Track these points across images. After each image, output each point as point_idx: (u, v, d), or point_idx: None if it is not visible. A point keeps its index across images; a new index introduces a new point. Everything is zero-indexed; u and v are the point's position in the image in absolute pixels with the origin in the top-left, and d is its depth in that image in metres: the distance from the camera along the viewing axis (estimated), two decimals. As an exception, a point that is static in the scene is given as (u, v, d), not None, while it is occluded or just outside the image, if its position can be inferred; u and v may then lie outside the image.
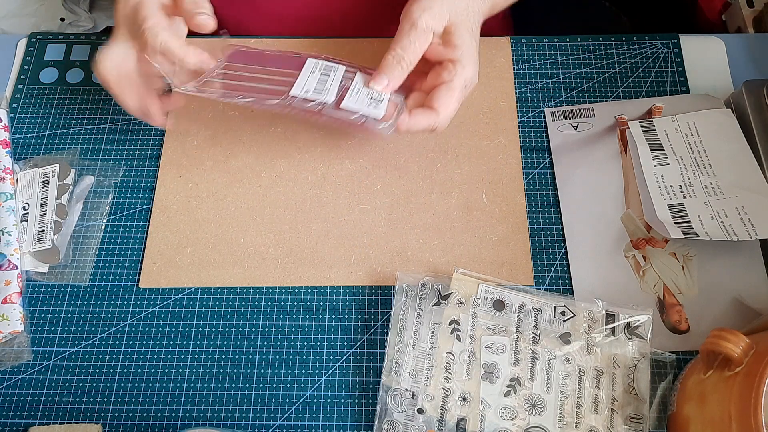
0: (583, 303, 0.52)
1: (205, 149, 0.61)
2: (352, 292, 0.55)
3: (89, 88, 0.65)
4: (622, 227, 0.56)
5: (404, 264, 0.56)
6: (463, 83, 0.53)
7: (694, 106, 0.61)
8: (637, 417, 0.49)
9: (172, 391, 0.52)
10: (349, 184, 0.59)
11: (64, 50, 0.67)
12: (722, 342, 0.43)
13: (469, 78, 0.53)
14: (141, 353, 0.53)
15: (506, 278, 0.55)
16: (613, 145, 0.60)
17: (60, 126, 0.63)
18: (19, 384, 0.52)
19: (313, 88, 0.52)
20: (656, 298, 0.53)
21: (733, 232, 0.53)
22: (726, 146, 0.58)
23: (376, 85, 0.52)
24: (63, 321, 0.54)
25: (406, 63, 0.52)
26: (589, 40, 0.66)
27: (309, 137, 0.61)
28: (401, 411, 0.49)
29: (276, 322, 0.54)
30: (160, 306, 0.55)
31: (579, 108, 0.62)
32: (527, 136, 0.61)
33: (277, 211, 0.58)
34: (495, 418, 0.49)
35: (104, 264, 0.56)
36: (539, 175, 0.59)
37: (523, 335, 0.51)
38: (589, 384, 0.50)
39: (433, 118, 0.52)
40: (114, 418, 0.51)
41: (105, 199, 0.59)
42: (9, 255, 0.55)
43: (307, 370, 0.52)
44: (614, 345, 0.51)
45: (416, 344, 0.51)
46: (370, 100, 0.51)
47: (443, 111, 0.52)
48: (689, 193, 0.56)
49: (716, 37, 0.66)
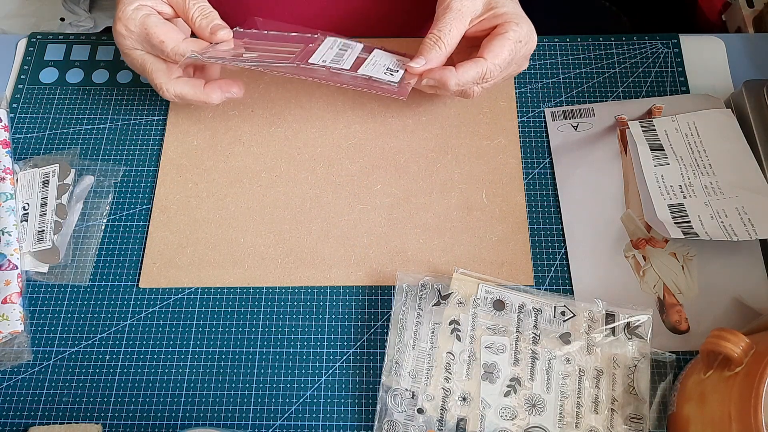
0: (583, 303, 0.52)
1: (205, 149, 0.61)
2: (352, 292, 0.55)
3: (89, 88, 0.65)
4: (622, 227, 0.56)
5: (404, 264, 0.56)
6: (517, 37, 0.52)
7: (694, 106, 0.61)
8: (637, 417, 0.49)
9: (172, 391, 0.52)
10: (349, 184, 0.59)
11: (64, 50, 0.67)
12: (722, 342, 0.43)
13: (524, 34, 0.53)
14: (141, 353, 0.53)
15: (506, 278, 0.55)
16: (613, 145, 0.60)
17: (60, 126, 0.63)
18: (19, 384, 0.52)
19: (330, 59, 0.53)
20: (656, 298, 0.53)
21: (733, 232, 0.53)
22: (726, 146, 0.58)
23: (414, 65, 0.52)
24: (63, 321, 0.54)
25: (443, 44, 0.52)
26: (589, 40, 0.66)
27: (309, 137, 0.61)
28: (401, 411, 0.49)
29: (276, 322, 0.54)
30: (160, 306, 0.55)
31: (579, 108, 0.62)
32: (527, 136, 0.61)
33: (277, 211, 0.58)
34: (495, 418, 0.49)
35: (104, 264, 0.56)
36: (539, 175, 0.59)
37: (523, 335, 0.51)
38: (589, 384, 0.50)
39: (481, 65, 0.51)
40: (114, 418, 0.51)
41: (105, 199, 0.59)
42: (9, 255, 0.55)
43: (307, 370, 0.52)
44: (614, 345, 0.51)
45: (416, 344, 0.51)
46: (386, 70, 0.52)
47: (492, 58, 0.51)
48: (689, 193, 0.56)
49: (716, 37, 0.66)
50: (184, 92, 0.55)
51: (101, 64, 0.66)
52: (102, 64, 0.66)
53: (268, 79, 0.64)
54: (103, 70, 0.65)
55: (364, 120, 0.62)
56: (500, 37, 0.52)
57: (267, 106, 0.63)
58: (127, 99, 0.64)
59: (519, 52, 0.53)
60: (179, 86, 0.55)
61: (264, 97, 0.63)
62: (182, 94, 0.55)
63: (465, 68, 0.52)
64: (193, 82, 0.56)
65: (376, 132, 0.61)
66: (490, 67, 0.52)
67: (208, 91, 0.56)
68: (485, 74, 0.52)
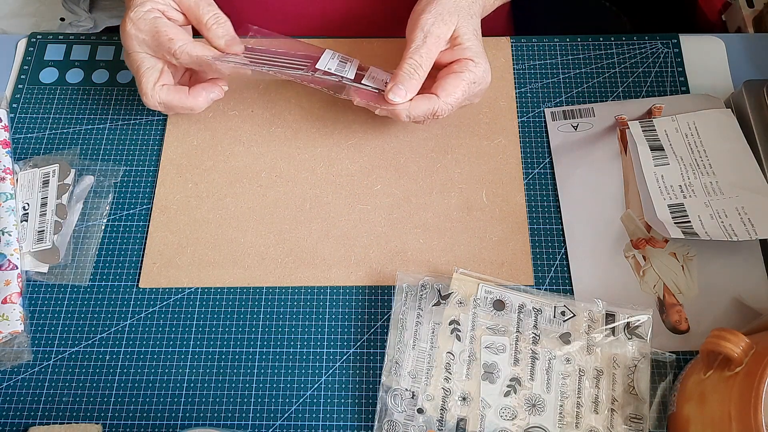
0: (583, 303, 0.52)
1: (205, 149, 0.61)
2: (352, 292, 0.55)
3: (89, 88, 0.65)
4: (622, 227, 0.56)
5: (404, 264, 0.56)
6: (473, 78, 0.53)
7: (694, 106, 0.61)
8: (637, 417, 0.49)
9: (172, 391, 0.52)
10: (349, 184, 0.59)
11: (64, 50, 0.67)
12: (722, 342, 0.43)
13: (480, 75, 0.54)
14: (141, 353, 0.53)
15: (506, 278, 0.55)
16: (613, 145, 0.60)
17: (60, 126, 0.63)
18: (19, 384, 0.52)
19: (335, 68, 0.55)
20: (656, 298, 0.53)
21: (733, 232, 0.53)
22: (726, 146, 0.58)
23: (395, 97, 0.52)
24: (63, 321, 0.54)
25: (422, 71, 0.53)
26: (589, 40, 0.66)
27: (309, 137, 0.61)
28: (401, 411, 0.49)
29: (276, 322, 0.54)
30: (160, 306, 0.55)
31: (579, 108, 0.62)
32: (527, 136, 0.61)
33: (277, 211, 0.58)
34: (495, 418, 0.49)
35: (104, 264, 0.56)
36: (539, 175, 0.59)
37: (523, 335, 0.51)
38: (589, 384, 0.50)
39: (433, 101, 0.53)
40: (114, 418, 0.51)
41: (105, 199, 0.59)
42: (9, 255, 0.55)
43: (307, 370, 0.52)
44: (614, 345, 0.51)
45: (416, 344, 0.51)
46: (384, 85, 0.54)
47: (444, 96, 0.53)
48: (689, 193, 0.56)
49: (716, 37, 0.66)
50: (168, 99, 0.55)
51: (101, 64, 0.66)
52: (102, 64, 0.66)
53: (268, 80, 0.64)
54: (103, 70, 0.65)
55: (364, 120, 0.62)
56: (455, 76, 0.53)
57: (267, 106, 0.63)
58: (127, 99, 0.64)
59: (472, 92, 0.54)
60: (163, 94, 0.55)
61: (264, 97, 0.63)
62: (166, 101, 0.55)
63: (417, 103, 0.53)
64: (177, 89, 0.56)
65: (376, 132, 0.61)
66: (441, 105, 0.53)
67: (194, 95, 0.56)
68: (436, 111, 0.53)
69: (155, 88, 0.55)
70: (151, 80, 0.55)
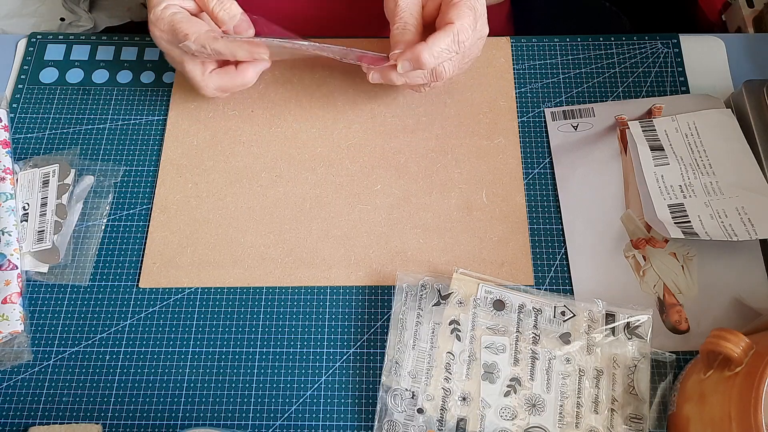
0: (583, 303, 0.52)
1: (205, 149, 0.61)
2: (352, 292, 0.55)
3: (89, 88, 0.65)
4: (622, 227, 0.56)
5: (404, 264, 0.56)
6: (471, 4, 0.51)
7: (694, 106, 0.61)
8: (637, 417, 0.49)
9: (172, 391, 0.52)
10: (349, 184, 0.59)
11: (64, 50, 0.67)
12: (722, 342, 0.43)
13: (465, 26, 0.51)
14: (141, 353, 0.53)
15: (506, 278, 0.55)
16: (613, 145, 0.60)
17: (60, 126, 0.63)
18: (19, 384, 0.52)
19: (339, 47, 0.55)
20: (656, 298, 0.53)
21: (733, 232, 0.53)
22: (726, 146, 0.58)
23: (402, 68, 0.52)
24: (63, 321, 0.54)
25: (411, 25, 0.53)
26: (589, 40, 0.66)
27: (309, 137, 0.61)
28: (401, 411, 0.49)
29: (276, 322, 0.54)
30: (160, 306, 0.55)
31: (579, 108, 0.62)
32: (527, 136, 0.61)
33: (277, 211, 0.58)
34: (495, 418, 0.49)
35: (104, 264, 0.56)
36: (539, 175, 0.59)
37: (523, 335, 0.51)
38: (589, 384, 0.50)
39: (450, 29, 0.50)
40: (114, 418, 0.51)
41: (105, 199, 0.59)
42: (9, 255, 0.55)
43: (307, 370, 0.52)
44: (614, 345, 0.51)
45: (416, 344, 0.51)
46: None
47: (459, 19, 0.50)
48: (689, 193, 0.56)
49: (716, 37, 0.66)
50: (221, 83, 0.56)
51: (101, 64, 0.66)
52: (102, 64, 0.66)
53: (268, 79, 0.64)
54: (103, 70, 0.65)
55: (364, 120, 0.62)
56: (455, 3, 0.52)
57: (267, 106, 0.63)
58: (127, 99, 0.64)
59: (477, 21, 0.52)
60: (214, 80, 0.56)
61: (264, 97, 0.63)
62: (220, 86, 0.56)
63: (436, 38, 0.50)
64: (226, 70, 0.56)
65: (376, 132, 0.61)
66: (460, 28, 0.50)
67: (242, 71, 0.56)
68: (459, 37, 0.51)
69: (205, 78, 0.56)
70: (197, 72, 0.56)
